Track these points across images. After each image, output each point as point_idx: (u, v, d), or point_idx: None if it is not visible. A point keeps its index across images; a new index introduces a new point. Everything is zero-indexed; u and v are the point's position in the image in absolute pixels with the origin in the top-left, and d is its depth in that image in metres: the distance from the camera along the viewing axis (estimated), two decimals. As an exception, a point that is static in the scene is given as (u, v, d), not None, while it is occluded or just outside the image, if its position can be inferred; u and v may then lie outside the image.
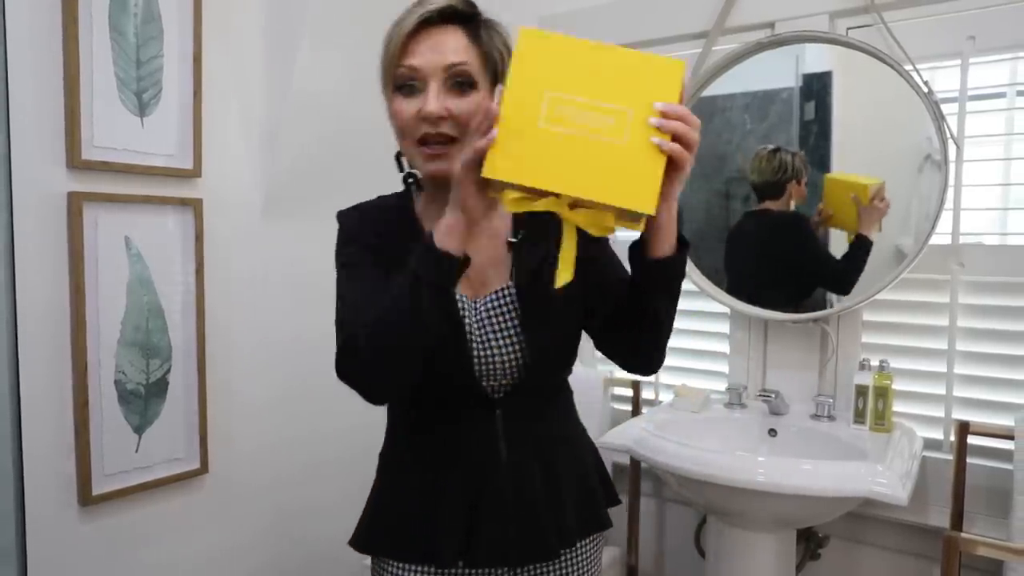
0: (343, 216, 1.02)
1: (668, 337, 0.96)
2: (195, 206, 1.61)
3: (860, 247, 1.59)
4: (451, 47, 0.89)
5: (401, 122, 0.91)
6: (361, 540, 1.03)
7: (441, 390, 0.94)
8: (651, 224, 0.81)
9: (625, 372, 1.11)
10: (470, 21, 0.92)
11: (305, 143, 1.78)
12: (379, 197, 1.04)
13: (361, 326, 0.85)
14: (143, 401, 1.54)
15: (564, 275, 0.83)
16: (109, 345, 1.48)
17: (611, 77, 0.76)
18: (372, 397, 0.90)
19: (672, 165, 0.75)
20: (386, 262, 0.92)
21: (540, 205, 0.77)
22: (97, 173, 1.45)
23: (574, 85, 0.76)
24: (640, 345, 0.98)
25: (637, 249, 0.87)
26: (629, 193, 0.75)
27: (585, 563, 1.04)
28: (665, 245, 0.84)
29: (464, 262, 0.83)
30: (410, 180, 1.02)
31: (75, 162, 1.40)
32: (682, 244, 0.86)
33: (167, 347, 1.58)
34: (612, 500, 1.10)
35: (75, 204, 1.40)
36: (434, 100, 0.88)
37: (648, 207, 0.75)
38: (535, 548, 0.97)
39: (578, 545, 1.02)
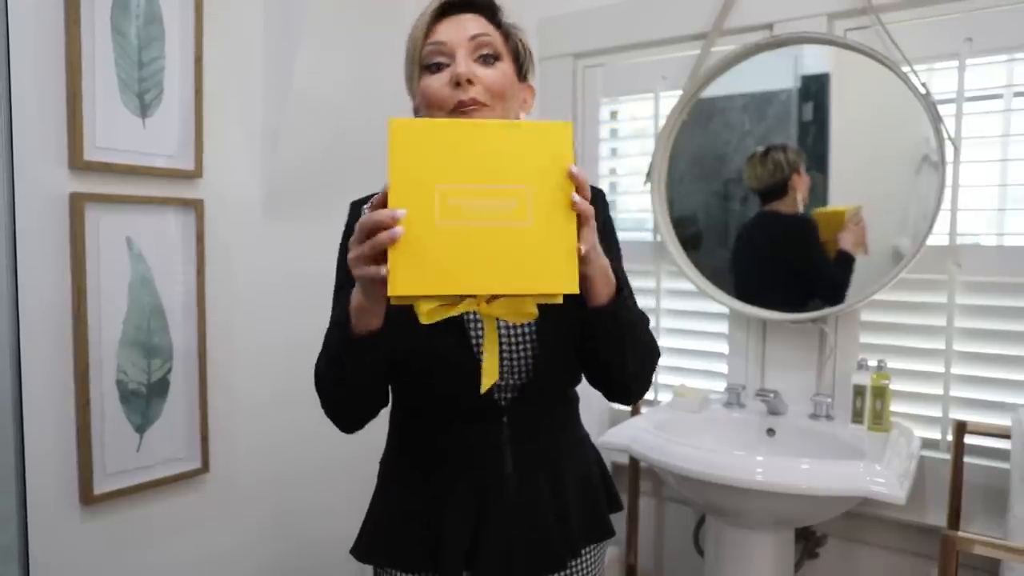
0: (352, 209, 1.01)
1: (639, 375, 0.94)
2: (196, 207, 1.61)
3: (842, 261, 1.61)
4: (475, 25, 0.92)
5: (431, 95, 0.91)
6: (362, 549, 1.02)
7: (447, 396, 0.92)
8: (586, 279, 0.79)
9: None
10: (488, 9, 0.96)
11: (306, 144, 1.79)
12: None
13: (321, 367, 0.91)
14: (144, 401, 1.55)
15: (490, 375, 0.79)
16: (111, 345, 1.48)
17: (499, 155, 0.71)
18: (342, 429, 0.95)
19: (580, 219, 0.73)
20: None
21: (459, 309, 0.73)
22: (99, 174, 1.45)
23: (463, 172, 0.70)
24: (612, 386, 0.97)
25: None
26: (549, 277, 0.71)
27: (589, 570, 1.04)
28: (601, 294, 0.82)
29: (379, 334, 0.82)
30: None
31: (77, 163, 1.40)
32: (621, 288, 0.85)
33: (168, 347, 1.58)
34: (615, 506, 1.09)
35: (77, 205, 1.41)
36: (464, 63, 0.89)
37: (572, 286, 0.71)
38: (542, 558, 0.96)
39: (582, 553, 1.02)
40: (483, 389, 0.79)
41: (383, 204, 0.71)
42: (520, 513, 0.95)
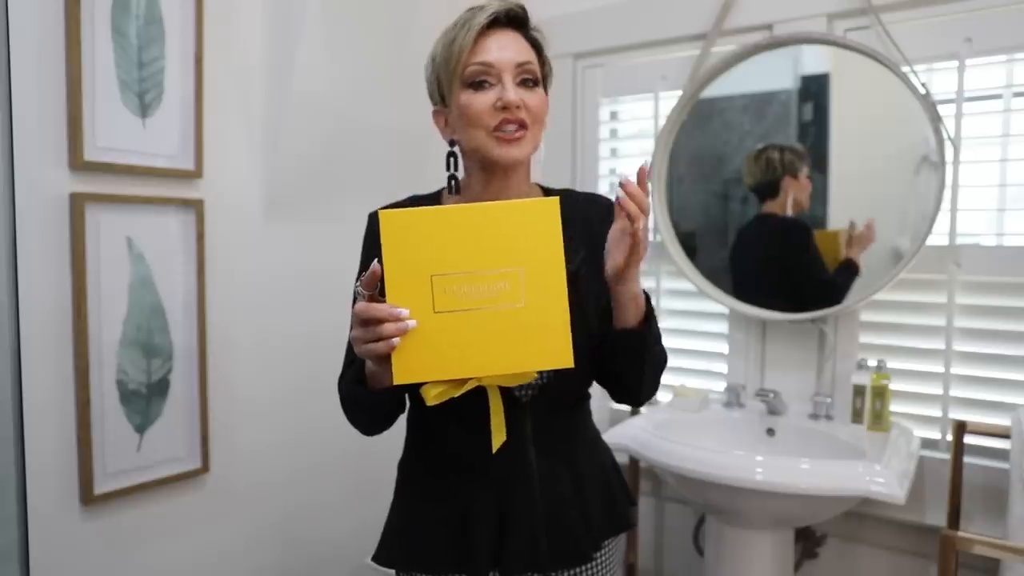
0: (369, 221, 1.02)
1: (651, 388, 0.99)
2: (197, 207, 1.61)
3: (844, 269, 1.62)
4: (518, 47, 0.95)
5: (475, 114, 0.93)
6: (385, 555, 1.02)
7: (469, 396, 0.92)
8: (615, 300, 0.85)
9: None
10: (525, 26, 0.98)
11: (306, 144, 1.79)
12: (411, 197, 1.05)
13: (341, 386, 0.96)
14: (145, 401, 1.55)
15: (498, 438, 0.85)
16: (111, 345, 1.48)
17: (489, 238, 0.74)
18: (363, 433, 0.99)
19: (631, 249, 0.80)
20: None
21: (463, 389, 0.78)
22: (99, 174, 1.45)
23: (456, 259, 0.73)
24: (624, 396, 1.01)
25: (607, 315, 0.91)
26: (543, 354, 0.75)
27: (608, 563, 1.05)
28: (628, 319, 0.88)
29: (394, 389, 0.85)
30: (452, 181, 1.02)
31: (77, 163, 1.40)
32: (649, 317, 0.89)
33: (168, 347, 1.58)
34: (629, 500, 1.11)
35: (77, 205, 1.41)
36: (512, 90, 0.92)
37: (566, 360, 0.75)
38: (568, 553, 0.97)
39: (603, 546, 1.03)
40: (494, 449, 0.87)
41: (374, 283, 0.75)
42: (544, 508, 0.96)
